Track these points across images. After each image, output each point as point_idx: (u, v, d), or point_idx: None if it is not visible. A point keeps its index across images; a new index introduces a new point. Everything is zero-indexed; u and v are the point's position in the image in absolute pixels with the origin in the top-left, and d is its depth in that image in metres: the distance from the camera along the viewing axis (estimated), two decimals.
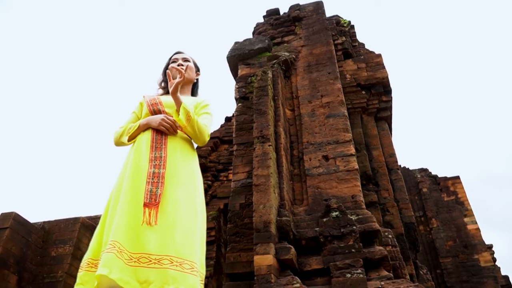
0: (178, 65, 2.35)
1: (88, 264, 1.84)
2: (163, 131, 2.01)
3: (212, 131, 9.35)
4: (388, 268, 3.78)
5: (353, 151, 4.64)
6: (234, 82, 6.63)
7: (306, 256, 3.91)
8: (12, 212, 4.60)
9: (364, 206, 4.22)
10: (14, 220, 4.54)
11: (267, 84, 4.82)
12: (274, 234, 3.71)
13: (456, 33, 53.57)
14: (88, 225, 5.10)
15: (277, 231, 3.79)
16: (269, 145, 4.25)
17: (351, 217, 4.00)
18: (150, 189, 1.82)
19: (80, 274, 1.81)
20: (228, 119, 7.87)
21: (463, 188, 10.96)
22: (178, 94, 2.00)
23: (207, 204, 8.86)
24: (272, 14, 7.45)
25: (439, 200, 10.72)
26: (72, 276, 4.67)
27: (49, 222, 4.97)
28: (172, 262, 1.60)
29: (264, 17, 7.60)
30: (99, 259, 1.77)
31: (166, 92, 2.37)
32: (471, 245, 10.00)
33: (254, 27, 6.86)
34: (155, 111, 2.11)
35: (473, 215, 10.47)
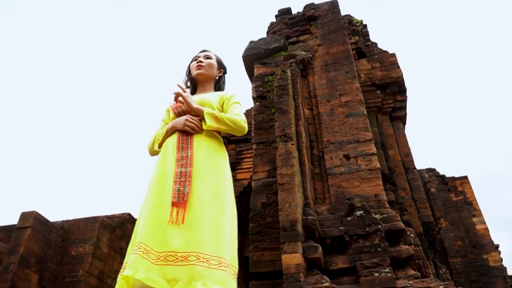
0: (199, 62, 2.36)
1: (123, 268, 1.86)
2: (189, 131, 2.01)
3: None
4: (414, 267, 3.77)
5: (374, 150, 4.64)
6: (248, 80, 6.62)
7: (331, 255, 3.90)
8: (32, 211, 4.58)
9: (387, 205, 4.21)
10: (35, 219, 4.53)
11: (287, 83, 4.81)
12: (301, 233, 3.70)
13: (453, 33, 53.67)
14: (107, 224, 5.09)
15: (303, 230, 3.78)
16: (292, 144, 4.24)
17: (375, 216, 3.99)
18: (177, 188, 1.83)
19: (118, 279, 1.83)
20: None
21: (471, 188, 10.97)
22: (194, 105, 2.05)
23: None
24: (284, 13, 7.45)
25: (447, 200, 10.72)
26: (93, 275, 4.66)
27: (68, 221, 4.96)
28: (199, 259, 1.60)
29: (276, 16, 7.59)
30: None
31: (192, 92, 2.38)
32: (480, 245, 10.01)
33: (268, 27, 6.85)
34: (179, 113, 2.13)
35: (481, 215, 10.48)
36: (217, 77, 2.46)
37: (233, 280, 1.71)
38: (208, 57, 2.43)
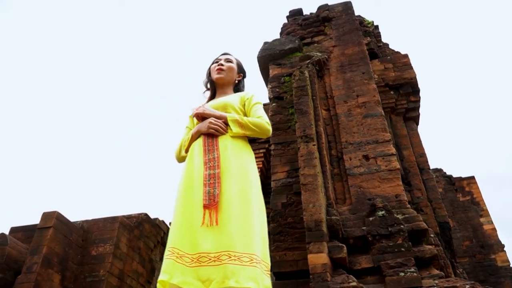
0: (219, 65, 2.40)
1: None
2: (214, 134, 2.04)
3: None
4: (437, 267, 3.80)
5: (393, 150, 4.67)
6: (262, 81, 6.65)
7: (354, 254, 3.93)
8: (54, 212, 4.61)
9: (408, 206, 4.24)
10: (57, 219, 4.55)
11: (306, 84, 4.84)
12: (326, 233, 3.73)
13: (453, 33, 53.80)
14: (125, 225, 5.11)
15: (327, 230, 3.81)
16: (314, 145, 4.27)
17: (397, 216, 4.02)
18: (208, 191, 1.87)
19: (158, 285, 1.88)
20: None
21: (478, 188, 11.03)
22: (217, 113, 2.11)
23: None
24: (296, 14, 7.48)
25: (454, 200, 10.77)
26: (113, 275, 4.68)
27: (87, 221, 4.98)
28: (231, 257, 1.63)
29: (287, 17, 7.62)
30: None
31: (212, 94, 2.42)
32: (488, 245, 10.06)
33: (281, 28, 6.88)
34: (203, 119, 2.17)
35: (489, 215, 10.53)
36: (236, 81, 2.49)
37: (266, 275, 1.74)
38: (229, 61, 2.46)
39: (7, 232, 4.95)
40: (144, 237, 5.46)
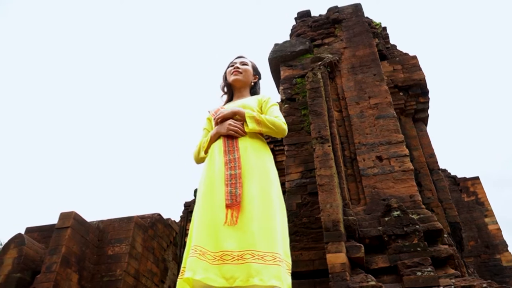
0: (235, 68, 2.45)
1: (182, 273, 1.93)
2: (233, 135, 2.09)
3: None
4: (453, 267, 3.86)
5: (406, 151, 4.73)
6: (273, 82, 6.70)
7: (370, 254, 3.98)
8: (72, 212, 4.65)
9: (423, 206, 4.30)
10: (74, 220, 4.59)
11: (319, 86, 4.89)
12: (343, 233, 3.78)
13: (451, 32, 53.87)
14: (140, 225, 5.16)
15: (344, 230, 3.86)
16: (329, 146, 4.33)
17: (412, 217, 4.07)
18: (229, 191, 1.90)
19: (178, 282, 1.91)
20: None
21: (482, 188, 11.08)
22: (235, 109, 2.14)
23: None
24: (304, 16, 7.53)
25: (459, 201, 10.81)
26: (130, 274, 4.72)
27: (103, 221, 5.03)
28: (254, 256, 1.66)
29: (296, 19, 7.67)
30: None
31: (229, 98, 2.47)
32: (493, 245, 10.11)
33: (291, 29, 6.93)
34: (222, 120, 2.21)
35: (493, 215, 10.58)
36: (252, 83, 2.54)
37: (288, 274, 1.77)
38: (244, 63, 2.51)
39: (20, 232, 5.00)
40: (157, 237, 5.52)
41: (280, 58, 6.16)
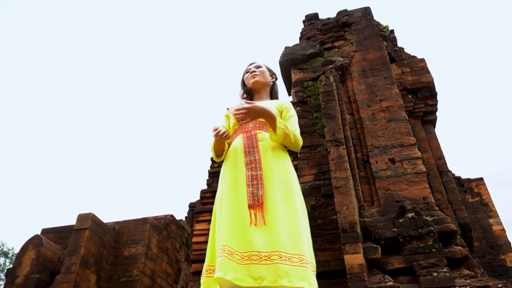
0: (251, 73, 2.52)
1: (207, 271, 1.99)
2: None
3: None
4: (467, 267, 3.93)
5: (419, 154, 4.80)
6: (283, 85, 6.77)
7: (385, 255, 4.05)
8: (90, 213, 4.72)
9: (436, 208, 4.37)
10: (92, 221, 4.66)
11: (333, 89, 4.97)
12: (360, 235, 3.85)
13: (450, 33, 53.99)
14: (155, 226, 5.22)
15: (361, 231, 3.94)
16: (344, 149, 4.40)
17: (426, 218, 4.15)
18: (251, 191, 1.96)
19: (202, 280, 1.97)
20: None
21: (487, 189, 11.17)
22: (267, 110, 2.13)
23: None
24: (312, 18, 7.60)
25: (463, 202, 10.87)
26: (146, 275, 4.79)
27: (118, 222, 5.10)
28: (281, 257, 1.71)
29: (304, 21, 7.75)
30: (214, 265, 1.92)
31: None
32: (497, 245, 10.20)
33: (301, 32, 7.01)
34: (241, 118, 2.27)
35: (498, 216, 10.67)
36: (271, 83, 2.62)
37: (313, 276, 1.83)
38: (259, 66, 2.60)
39: (38, 234, 5.06)
40: (171, 238, 5.58)
41: (290, 61, 6.23)
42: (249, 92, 2.57)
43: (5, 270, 4.93)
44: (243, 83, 2.62)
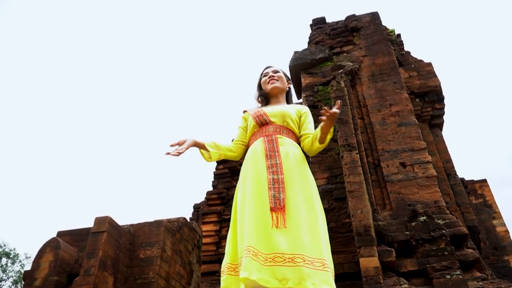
0: (269, 77, 2.59)
1: (228, 268, 2.04)
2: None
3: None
4: (478, 270, 4.03)
5: (429, 158, 4.89)
6: (293, 89, 6.86)
7: (398, 258, 4.14)
8: (106, 217, 4.80)
9: (447, 211, 4.46)
10: (109, 224, 4.74)
11: (344, 94, 5.06)
12: (375, 238, 3.94)
13: (450, 33, 54.12)
14: (169, 229, 5.31)
15: (375, 234, 4.02)
16: (356, 153, 4.49)
17: (438, 222, 4.24)
18: (273, 195, 2.01)
19: (223, 278, 2.02)
20: None
21: (490, 191, 11.27)
22: (336, 114, 2.16)
23: None
24: (319, 22, 7.69)
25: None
26: (162, 277, 4.88)
27: (133, 225, 5.19)
28: (304, 261, 1.75)
29: (311, 25, 7.83)
30: (236, 263, 1.98)
31: (265, 104, 2.60)
32: (501, 246, 10.29)
33: (309, 37, 7.09)
34: (261, 122, 2.33)
35: (501, 217, 10.77)
36: (287, 88, 2.70)
37: (333, 280, 1.91)
38: (276, 71, 2.65)
39: (55, 236, 5.15)
40: (184, 241, 5.67)
41: (300, 66, 6.32)
42: (266, 96, 2.63)
43: (23, 273, 5.04)
44: (259, 86, 2.67)
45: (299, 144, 2.32)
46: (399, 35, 7.80)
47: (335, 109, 2.02)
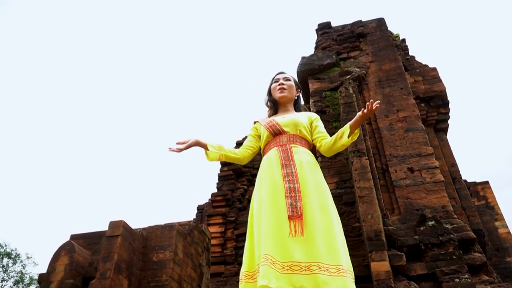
0: (280, 84, 2.67)
1: (246, 276, 2.11)
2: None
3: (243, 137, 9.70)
4: (485, 273, 4.13)
5: (436, 163, 4.99)
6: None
7: (408, 262, 4.24)
8: (121, 221, 4.90)
9: (455, 216, 4.56)
10: (123, 228, 4.84)
11: (353, 100, 5.15)
12: (385, 242, 4.04)
13: (450, 34, 54.29)
14: (181, 232, 5.41)
15: (386, 239, 4.12)
16: (366, 159, 4.58)
17: (446, 226, 4.34)
18: (290, 203, 2.06)
19: (241, 285, 2.09)
20: None
21: (492, 193, 11.37)
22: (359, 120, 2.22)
23: (244, 208, 9.18)
24: (325, 27, 7.78)
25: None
26: (174, 280, 4.97)
27: (145, 228, 5.28)
28: (320, 268, 1.81)
29: (316, 30, 7.93)
30: (253, 270, 2.04)
31: (274, 111, 2.68)
32: (503, 248, 10.39)
33: (316, 42, 7.19)
34: (275, 132, 2.39)
35: (503, 219, 10.87)
36: (296, 97, 2.77)
37: (352, 283, 1.98)
38: (287, 79, 2.70)
39: (70, 240, 5.25)
40: (194, 244, 5.77)
41: (308, 71, 6.41)
42: (274, 103, 2.69)
43: (38, 276, 5.15)
44: (269, 92, 2.74)
45: (311, 149, 2.38)
46: (404, 40, 7.90)
47: (376, 104, 2.03)
